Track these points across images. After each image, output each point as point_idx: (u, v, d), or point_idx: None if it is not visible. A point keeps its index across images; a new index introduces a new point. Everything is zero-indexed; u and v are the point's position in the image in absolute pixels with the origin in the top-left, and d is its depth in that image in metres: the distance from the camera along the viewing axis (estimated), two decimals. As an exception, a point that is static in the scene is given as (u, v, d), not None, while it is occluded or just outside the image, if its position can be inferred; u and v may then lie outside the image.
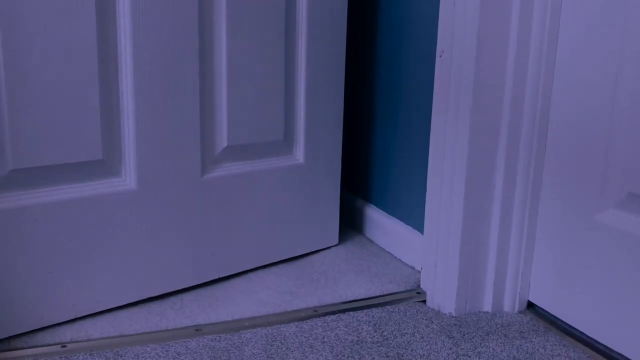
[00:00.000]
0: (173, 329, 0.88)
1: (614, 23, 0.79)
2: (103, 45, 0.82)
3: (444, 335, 0.88)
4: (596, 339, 0.85)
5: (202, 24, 0.90)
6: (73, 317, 0.87)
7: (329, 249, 1.17)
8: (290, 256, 1.11)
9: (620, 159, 0.80)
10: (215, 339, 0.85)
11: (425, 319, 0.93)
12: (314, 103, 1.06)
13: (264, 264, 1.07)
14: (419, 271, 1.08)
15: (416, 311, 0.95)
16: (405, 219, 1.13)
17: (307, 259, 1.12)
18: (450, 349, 0.85)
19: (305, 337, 0.86)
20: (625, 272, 0.80)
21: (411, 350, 0.84)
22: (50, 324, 0.85)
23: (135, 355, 0.80)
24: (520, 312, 0.96)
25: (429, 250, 0.98)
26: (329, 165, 1.11)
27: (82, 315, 0.88)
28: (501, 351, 0.84)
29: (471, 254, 0.93)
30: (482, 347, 0.85)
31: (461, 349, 0.85)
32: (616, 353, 0.82)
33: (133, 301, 0.92)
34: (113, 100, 0.84)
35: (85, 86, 0.81)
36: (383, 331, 0.89)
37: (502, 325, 0.91)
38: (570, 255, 0.88)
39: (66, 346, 0.82)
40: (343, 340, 0.86)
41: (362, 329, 0.89)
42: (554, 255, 0.91)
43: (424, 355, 0.83)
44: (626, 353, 0.81)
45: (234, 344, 0.84)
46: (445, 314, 0.95)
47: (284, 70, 1.01)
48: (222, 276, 1.02)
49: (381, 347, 0.84)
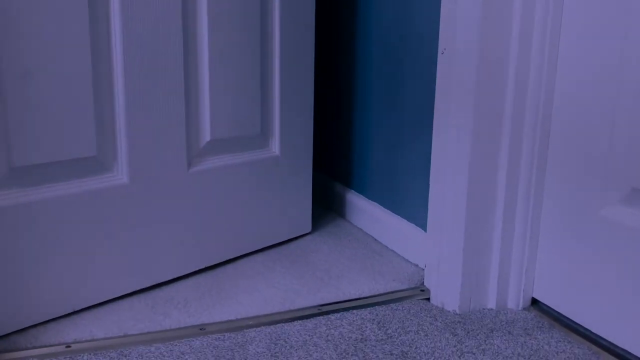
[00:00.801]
0: (177, 328, 0.88)
1: (617, 19, 0.78)
2: (96, 47, 0.85)
3: (448, 333, 0.88)
4: (601, 335, 0.85)
5: (186, 26, 0.95)
6: (71, 311, 0.89)
7: (333, 248, 1.17)
8: (270, 244, 1.16)
9: (623, 154, 0.79)
10: (219, 338, 0.85)
11: (429, 317, 0.93)
12: (287, 99, 1.12)
13: (246, 252, 1.13)
14: (423, 269, 1.07)
15: (420, 309, 0.95)
16: (409, 217, 1.13)
17: (310, 257, 1.12)
18: (454, 346, 0.84)
19: (309, 336, 0.86)
20: (630, 268, 0.79)
21: (415, 347, 0.84)
22: (49, 317, 0.87)
23: (139, 355, 0.80)
24: (524, 309, 0.96)
25: (432, 248, 0.97)
26: (302, 157, 1.18)
27: (81, 308, 0.90)
28: (506, 348, 0.84)
29: (475, 251, 0.93)
30: (487, 344, 0.85)
31: (465, 346, 0.84)
32: (621, 349, 0.82)
33: (128, 292, 0.95)
34: (106, 99, 0.88)
35: (80, 85, 0.84)
36: (387, 329, 0.89)
37: (507, 322, 0.91)
38: (574, 251, 0.88)
39: (70, 346, 0.82)
40: (347, 339, 0.86)
41: (366, 327, 0.89)
42: (558, 251, 0.91)
43: (428, 352, 0.83)
44: (632, 349, 0.81)
45: (238, 343, 0.84)
46: (449, 311, 0.95)
47: (260, 68, 1.06)
48: (208, 265, 1.06)
49: (385, 345, 0.84)
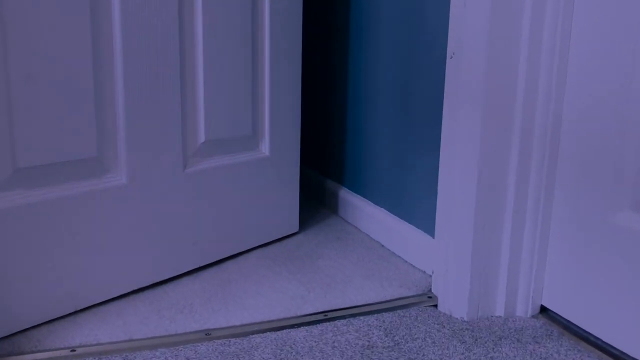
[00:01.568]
0: (183, 333, 0.87)
1: (628, 24, 0.78)
2: (97, 53, 0.87)
3: (456, 340, 0.87)
4: (612, 343, 0.84)
5: (182, 34, 0.97)
6: (73, 310, 0.90)
7: (340, 254, 1.17)
8: (262, 242, 1.19)
9: (634, 159, 0.79)
10: (224, 343, 0.85)
11: (437, 324, 0.92)
12: (276, 102, 1.15)
13: (240, 251, 1.15)
14: (430, 275, 1.07)
15: (427, 316, 0.94)
16: (416, 223, 1.12)
17: (315, 263, 1.12)
18: (462, 354, 0.84)
19: (315, 342, 0.86)
20: (640, 276, 0.79)
21: (423, 355, 0.83)
22: (52, 317, 0.88)
23: (144, 360, 0.80)
24: (533, 317, 0.95)
25: (440, 254, 0.97)
26: (290, 158, 1.21)
27: (83, 307, 0.91)
28: (514, 356, 0.83)
29: (483, 257, 0.92)
30: (495, 352, 0.84)
31: (473, 354, 0.84)
32: (632, 359, 0.81)
33: (128, 291, 0.97)
34: (106, 101, 0.90)
35: (82, 89, 0.86)
36: (394, 336, 0.88)
37: (515, 330, 0.90)
38: (584, 258, 0.87)
39: (75, 350, 0.82)
40: (354, 345, 0.85)
41: (373, 333, 0.88)
42: (567, 258, 0.90)
43: (435, 360, 0.82)
44: (642, 358, 0.80)
45: (244, 349, 0.83)
46: (457, 319, 0.94)
47: (251, 72, 1.10)
48: (202, 265, 1.08)
49: (392, 352, 0.83)
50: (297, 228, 1.26)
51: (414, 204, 1.13)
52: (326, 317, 0.93)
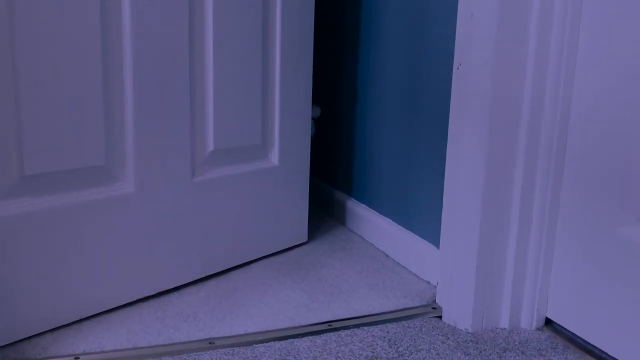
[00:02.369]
0: (186, 342, 0.87)
1: (635, 34, 0.78)
2: (107, 61, 0.87)
3: (460, 352, 0.87)
4: (617, 357, 0.84)
5: (192, 44, 0.97)
6: (78, 318, 0.90)
7: (345, 264, 1.17)
8: (269, 252, 1.18)
9: (641, 174, 0.78)
10: (228, 352, 0.85)
11: (441, 335, 0.91)
12: (286, 112, 1.15)
13: (246, 261, 1.14)
14: (435, 286, 1.06)
15: (432, 327, 0.94)
16: (421, 233, 1.12)
17: (319, 273, 1.12)
18: (466, 365, 0.83)
19: (319, 352, 0.85)
20: (646, 289, 0.78)
21: (427, 366, 0.83)
22: (57, 325, 0.88)
23: (148, 368, 0.80)
24: (537, 329, 0.94)
25: (445, 265, 0.96)
26: (300, 168, 1.20)
27: (87, 315, 0.91)
28: (519, 369, 0.83)
29: (488, 269, 0.92)
30: (499, 365, 0.84)
31: (478, 366, 0.83)
32: (637, 372, 0.81)
33: (133, 300, 0.97)
34: (115, 109, 0.89)
35: (91, 96, 0.86)
36: (398, 347, 0.88)
37: (520, 342, 0.90)
38: (590, 270, 0.86)
39: (79, 358, 0.82)
40: (357, 356, 0.85)
41: (377, 344, 0.88)
42: (573, 270, 0.89)
43: (439, 371, 0.82)
44: (648, 372, 0.79)
45: (247, 358, 0.83)
46: (461, 330, 0.93)
47: (262, 81, 1.09)
48: (209, 274, 1.07)
49: (396, 363, 0.83)
50: (306, 238, 1.25)
51: (420, 214, 1.13)
52: (330, 327, 0.93)
